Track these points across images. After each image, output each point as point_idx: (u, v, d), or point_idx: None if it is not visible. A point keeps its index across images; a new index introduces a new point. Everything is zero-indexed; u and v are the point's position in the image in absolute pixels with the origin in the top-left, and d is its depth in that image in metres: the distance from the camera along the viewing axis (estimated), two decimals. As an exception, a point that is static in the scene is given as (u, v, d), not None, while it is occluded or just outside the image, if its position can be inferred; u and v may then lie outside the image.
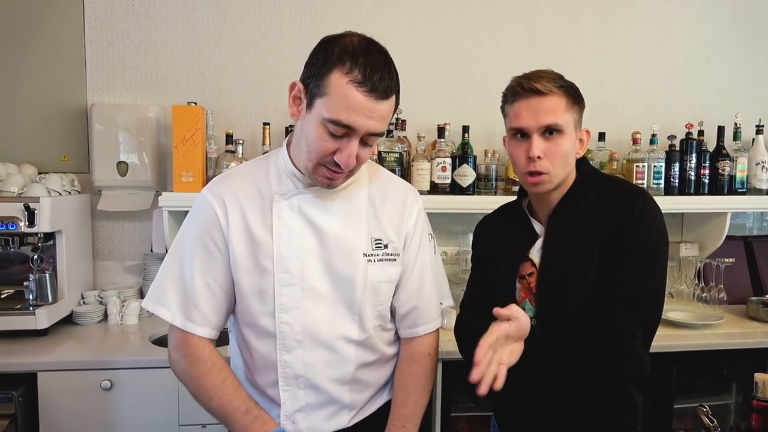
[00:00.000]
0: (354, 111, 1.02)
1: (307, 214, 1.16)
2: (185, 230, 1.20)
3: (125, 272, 2.38)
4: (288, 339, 1.15)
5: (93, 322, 2.14)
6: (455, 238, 2.47)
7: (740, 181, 2.40)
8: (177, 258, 1.19)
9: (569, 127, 1.19)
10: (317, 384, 1.18)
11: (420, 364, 1.26)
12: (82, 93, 2.31)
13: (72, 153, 2.32)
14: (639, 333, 1.14)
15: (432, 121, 2.38)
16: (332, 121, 1.03)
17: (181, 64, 2.35)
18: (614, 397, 1.12)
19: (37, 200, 1.90)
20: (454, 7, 2.48)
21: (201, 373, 1.15)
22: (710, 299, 2.37)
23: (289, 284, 1.14)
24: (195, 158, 2.06)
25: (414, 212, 1.26)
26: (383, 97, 1.04)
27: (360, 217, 1.19)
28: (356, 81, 1.01)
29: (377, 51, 1.06)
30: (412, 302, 1.26)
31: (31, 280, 1.99)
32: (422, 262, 1.27)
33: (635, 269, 1.15)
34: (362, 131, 1.04)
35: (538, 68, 1.24)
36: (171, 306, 1.16)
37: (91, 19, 2.30)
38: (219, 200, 1.16)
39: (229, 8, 2.35)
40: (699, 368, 2.13)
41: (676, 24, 2.62)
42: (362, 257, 1.17)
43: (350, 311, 1.18)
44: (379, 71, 1.03)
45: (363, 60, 1.02)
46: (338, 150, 1.06)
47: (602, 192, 1.23)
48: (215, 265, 1.16)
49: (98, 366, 1.77)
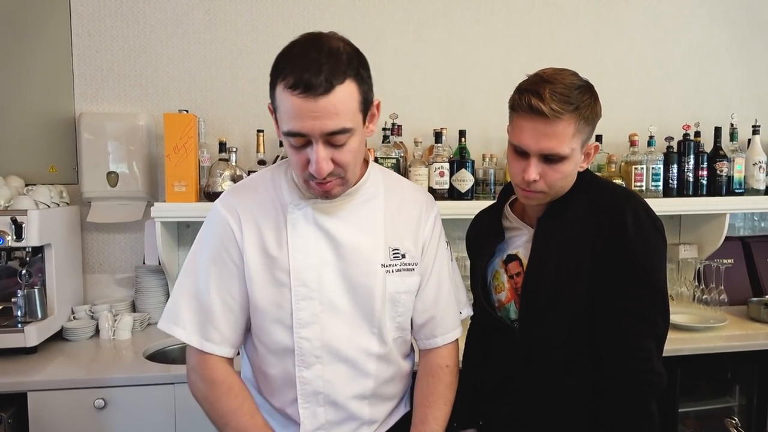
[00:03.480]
0: (297, 117, 0.97)
1: (322, 224, 1.12)
2: (199, 246, 1.17)
3: (117, 285, 2.32)
4: (307, 355, 1.11)
5: (84, 338, 2.07)
6: (454, 243, 2.42)
7: (738, 181, 2.40)
8: (191, 275, 1.15)
9: (574, 152, 1.13)
10: (337, 400, 1.14)
11: (438, 377, 1.23)
12: (69, 102, 2.25)
13: (60, 164, 2.26)
14: (653, 346, 1.11)
15: (428, 126, 2.36)
16: (286, 134, 1.00)
17: (171, 71, 2.30)
18: (633, 411, 1.11)
19: (24, 213, 1.85)
20: (448, 11, 2.46)
21: (218, 397, 1.12)
22: (711, 301, 2.36)
23: (307, 298, 1.11)
24: (188, 167, 2.02)
25: (431, 219, 1.23)
26: (322, 92, 0.95)
27: (377, 226, 1.16)
28: (289, 86, 0.96)
29: (314, 44, 0.98)
30: (430, 312, 1.22)
31: (20, 296, 1.93)
32: (439, 270, 1.23)
33: (636, 282, 1.12)
34: (316, 134, 0.98)
35: (550, 68, 1.15)
36: (186, 326, 1.12)
37: (78, 26, 2.24)
38: (233, 213, 1.13)
39: (220, 13, 2.31)
40: (702, 371, 2.11)
41: (671, 25, 2.62)
42: (380, 268, 1.14)
43: (369, 324, 1.14)
44: (311, 67, 0.95)
45: (294, 61, 0.97)
46: (308, 160, 1.02)
47: (590, 197, 1.19)
48: (231, 280, 1.13)
49: (91, 384, 1.71)
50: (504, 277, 1.27)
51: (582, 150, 1.16)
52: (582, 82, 1.14)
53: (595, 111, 1.15)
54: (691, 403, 2.14)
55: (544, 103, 1.07)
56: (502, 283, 1.28)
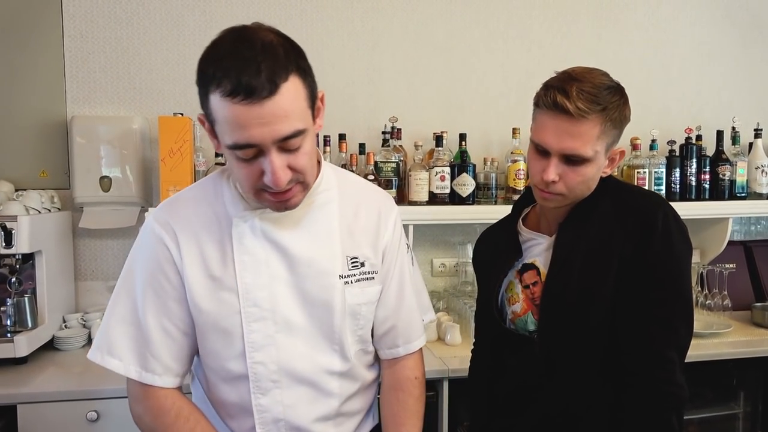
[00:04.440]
0: (242, 127, 0.86)
1: (272, 236, 1.02)
2: (132, 266, 1.06)
3: (109, 293, 2.18)
4: (263, 380, 1.03)
5: (76, 347, 2.02)
6: (454, 249, 2.41)
7: (740, 185, 2.38)
8: (125, 299, 1.04)
9: (598, 155, 1.08)
10: (300, 426, 1.06)
11: (407, 390, 1.15)
12: (61, 105, 2.20)
13: (51, 168, 2.21)
14: (676, 357, 1.08)
15: (427, 129, 2.33)
16: (231, 147, 0.89)
17: (166, 74, 2.25)
18: (654, 424, 1.07)
19: (14, 219, 1.80)
20: (448, 13, 2.43)
21: (166, 426, 1.02)
22: (714, 306, 2.34)
23: (259, 319, 1.01)
24: (183, 171, 1.97)
25: (390, 223, 1.14)
26: (267, 94, 0.85)
27: (332, 234, 1.06)
28: (227, 93, 0.85)
29: (243, 41, 0.88)
30: (391, 320, 1.14)
31: (9, 305, 1.88)
32: (400, 276, 1.15)
33: (663, 287, 1.08)
34: (268, 142, 0.88)
35: (580, 67, 1.10)
36: (123, 356, 1.02)
37: (70, 27, 2.19)
38: (169, 230, 1.02)
39: (216, 15, 2.27)
40: (707, 378, 2.08)
41: (671, 27, 2.60)
42: (338, 280, 1.05)
43: (329, 341, 1.06)
44: (247, 67, 0.85)
45: (226, 63, 0.86)
46: (263, 172, 0.91)
47: (618, 201, 1.16)
48: (171, 304, 1.02)
49: (83, 396, 1.66)
50: (519, 288, 1.23)
51: (606, 154, 1.12)
52: (612, 83, 1.10)
53: (624, 114, 1.10)
54: (695, 410, 2.11)
55: (570, 101, 1.03)
56: (517, 294, 1.23)
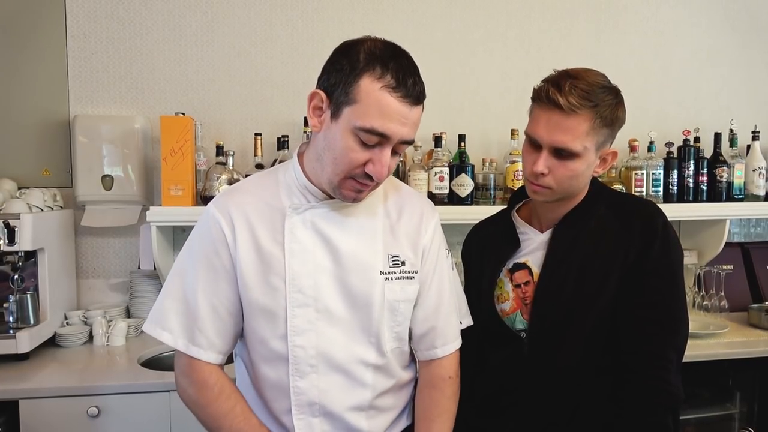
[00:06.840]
0: (388, 118, 0.98)
1: (321, 229, 1.09)
2: (188, 248, 1.14)
3: (111, 291, 2.29)
4: (301, 363, 1.08)
5: (77, 344, 2.03)
6: (453, 249, 2.38)
7: (738, 187, 2.39)
8: (179, 277, 1.12)
9: (587, 151, 1.11)
10: (333, 411, 1.10)
11: (440, 389, 1.19)
12: (64, 104, 2.22)
13: (54, 167, 2.23)
14: (673, 357, 1.10)
15: (427, 130, 2.33)
16: (365, 130, 0.98)
17: (168, 73, 2.27)
18: (650, 422, 1.09)
19: (17, 217, 1.81)
20: (447, 15, 2.44)
21: (209, 401, 1.09)
22: (711, 307, 2.35)
23: (303, 305, 1.08)
24: (184, 171, 1.98)
25: (430, 227, 1.20)
26: (416, 102, 1.01)
27: (376, 232, 1.13)
28: (390, 86, 0.98)
29: (405, 56, 1.04)
30: (430, 321, 1.18)
31: (11, 301, 1.89)
32: (440, 279, 1.20)
33: (660, 290, 1.11)
34: (396, 139, 1.00)
35: (581, 68, 1.14)
36: (173, 329, 1.09)
37: (74, 27, 2.21)
38: (226, 215, 1.10)
39: (218, 16, 2.28)
40: (703, 378, 2.09)
41: (670, 29, 2.62)
42: (379, 275, 1.11)
43: (367, 333, 1.11)
44: (411, 76, 1.00)
45: (394, 65, 0.99)
46: (369, 161, 1.01)
47: (614, 206, 1.19)
48: (221, 284, 1.10)
49: (84, 392, 1.68)
50: (509, 287, 1.25)
51: (597, 152, 1.14)
52: (608, 84, 1.13)
53: (617, 115, 1.13)
54: (691, 410, 2.12)
55: (561, 95, 1.07)
56: (506, 292, 1.25)
